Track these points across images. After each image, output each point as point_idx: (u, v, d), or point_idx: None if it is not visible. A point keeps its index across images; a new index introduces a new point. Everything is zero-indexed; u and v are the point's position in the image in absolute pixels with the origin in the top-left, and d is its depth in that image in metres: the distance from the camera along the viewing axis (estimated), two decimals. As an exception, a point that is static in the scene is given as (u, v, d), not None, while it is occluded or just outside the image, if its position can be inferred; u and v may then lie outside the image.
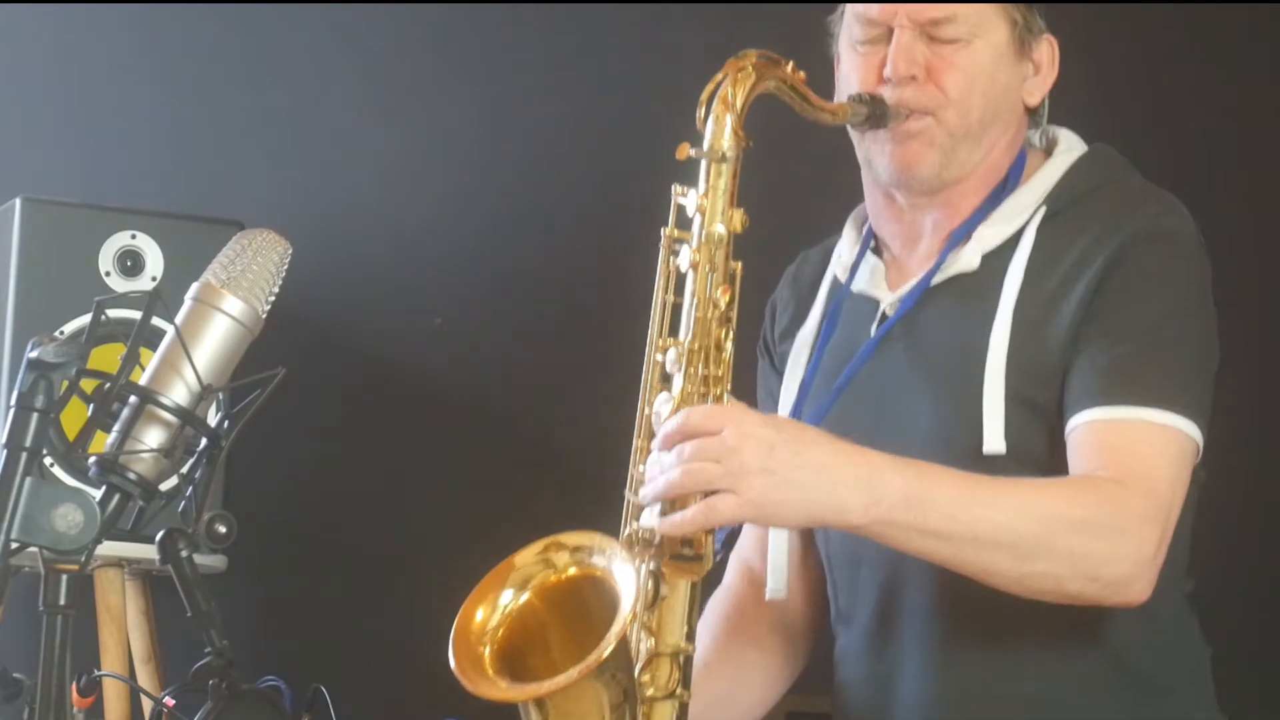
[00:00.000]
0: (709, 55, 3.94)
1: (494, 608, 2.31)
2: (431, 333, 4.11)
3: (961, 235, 2.58)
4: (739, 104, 2.40)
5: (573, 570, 2.31)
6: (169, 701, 2.33)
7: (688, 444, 2.27)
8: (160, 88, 4.18)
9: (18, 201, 3.56)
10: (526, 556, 2.33)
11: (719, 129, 2.39)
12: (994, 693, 2.50)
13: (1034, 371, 2.47)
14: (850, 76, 2.59)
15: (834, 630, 2.69)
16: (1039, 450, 2.47)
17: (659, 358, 2.39)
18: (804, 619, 2.73)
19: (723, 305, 2.37)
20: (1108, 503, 2.37)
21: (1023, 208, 2.57)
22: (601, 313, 3.96)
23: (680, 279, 2.40)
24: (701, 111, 2.41)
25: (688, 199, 2.40)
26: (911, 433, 2.52)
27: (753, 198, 2.44)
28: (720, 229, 2.38)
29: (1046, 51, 2.61)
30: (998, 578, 2.36)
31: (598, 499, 3.83)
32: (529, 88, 4.12)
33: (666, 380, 2.38)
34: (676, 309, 2.40)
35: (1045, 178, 2.59)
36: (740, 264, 2.40)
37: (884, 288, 2.63)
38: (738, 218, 2.39)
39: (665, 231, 2.42)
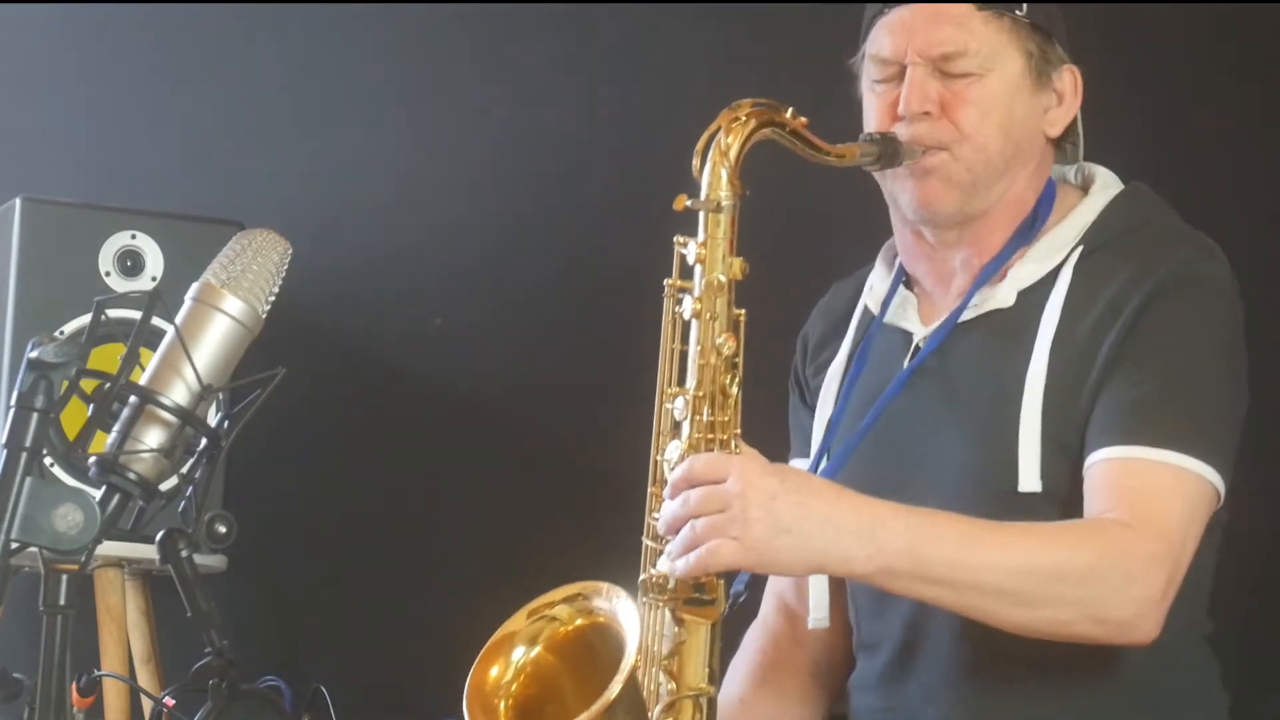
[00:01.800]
0: (710, 56, 3.96)
1: (507, 664, 2.34)
2: (431, 333, 4.11)
3: (992, 270, 2.58)
4: (733, 154, 2.41)
5: (579, 620, 2.34)
6: (169, 701, 2.33)
7: (693, 492, 2.29)
8: (160, 87, 4.18)
9: (18, 201, 3.56)
10: (517, 622, 2.36)
11: (715, 179, 2.41)
12: None
13: (1068, 415, 2.48)
14: (868, 116, 2.59)
15: (855, 657, 2.69)
16: (1070, 491, 2.47)
17: (668, 406, 2.41)
18: (838, 647, 2.74)
19: (727, 352, 2.39)
20: (1113, 547, 2.37)
21: (1060, 246, 2.56)
22: (602, 312, 3.96)
23: (686, 327, 2.43)
24: (697, 161, 2.43)
25: (688, 249, 2.42)
26: (944, 468, 2.52)
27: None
28: (721, 277, 2.40)
29: (1069, 81, 2.60)
30: (1003, 623, 2.37)
31: (598, 497, 3.83)
32: (529, 88, 4.12)
33: (677, 428, 2.41)
34: (683, 357, 2.42)
35: (1082, 216, 2.58)
36: (744, 311, 2.41)
37: (916, 321, 2.63)
38: (737, 265, 2.41)
39: (668, 281, 2.44)
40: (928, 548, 2.32)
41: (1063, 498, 2.47)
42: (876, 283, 2.70)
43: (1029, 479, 2.47)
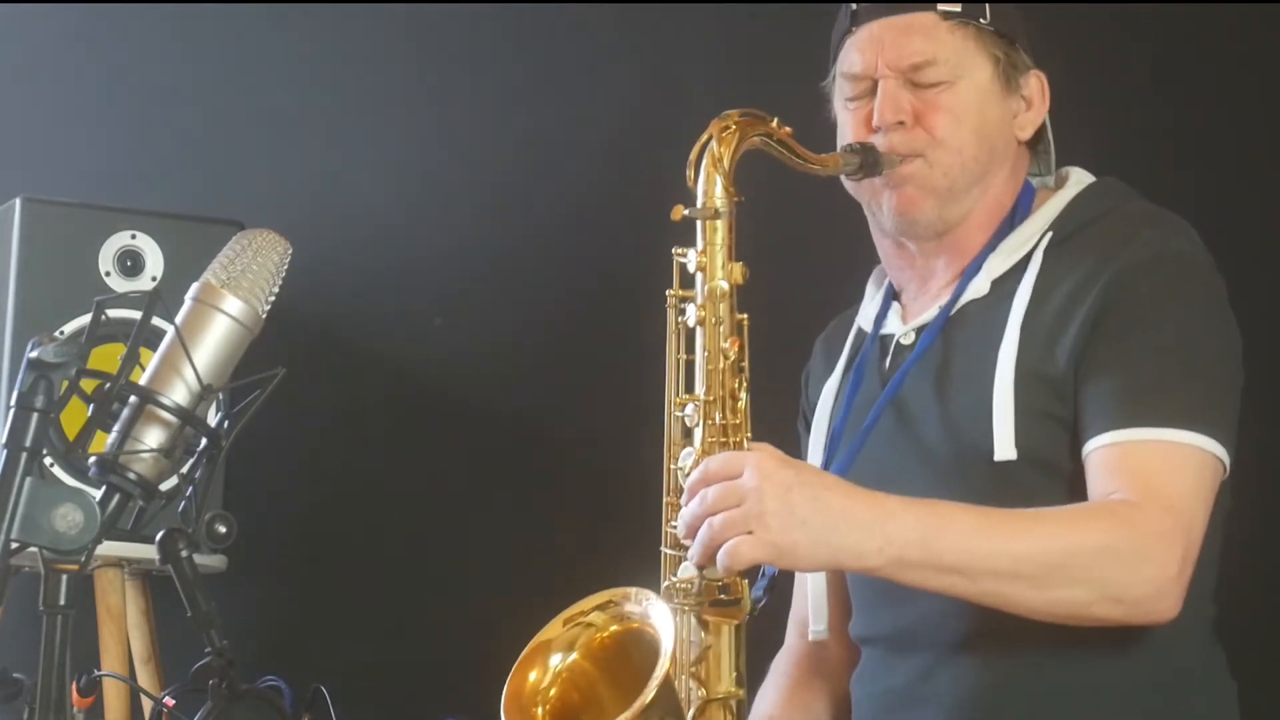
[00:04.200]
0: (709, 55, 3.96)
1: (544, 670, 2.36)
2: (431, 333, 4.11)
3: (973, 271, 2.61)
4: (727, 162, 2.45)
5: (613, 626, 2.36)
6: (169, 701, 2.33)
7: (710, 490, 2.32)
8: (160, 88, 4.18)
9: (18, 201, 3.56)
10: (554, 629, 2.38)
11: (710, 188, 2.45)
12: (1012, 707, 2.51)
13: (1043, 382, 2.49)
14: (843, 132, 2.63)
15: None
16: (1050, 457, 2.49)
17: (678, 414, 2.44)
18: (854, 661, 2.75)
19: (733, 356, 2.43)
20: (1125, 525, 2.38)
21: (1030, 235, 2.60)
22: (603, 311, 3.96)
23: (690, 336, 2.46)
24: (691, 172, 2.46)
25: (688, 257, 2.46)
26: (926, 447, 2.55)
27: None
28: (722, 284, 2.43)
29: (1036, 86, 2.65)
30: (1020, 608, 2.38)
31: (601, 496, 3.83)
32: (528, 87, 4.12)
33: (688, 435, 2.44)
34: (690, 366, 2.46)
35: (1052, 207, 2.62)
36: (747, 315, 2.45)
37: (896, 322, 2.68)
38: (737, 270, 2.45)
39: (670, 292, 2.47)
40: (939, 537, 2.34)
41: (1045, 465, 2.49)
42: (867, 304, 2.75)
43: (1004, 448, 2.48)
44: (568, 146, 4.08)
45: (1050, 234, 2.58)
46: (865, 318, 2.74)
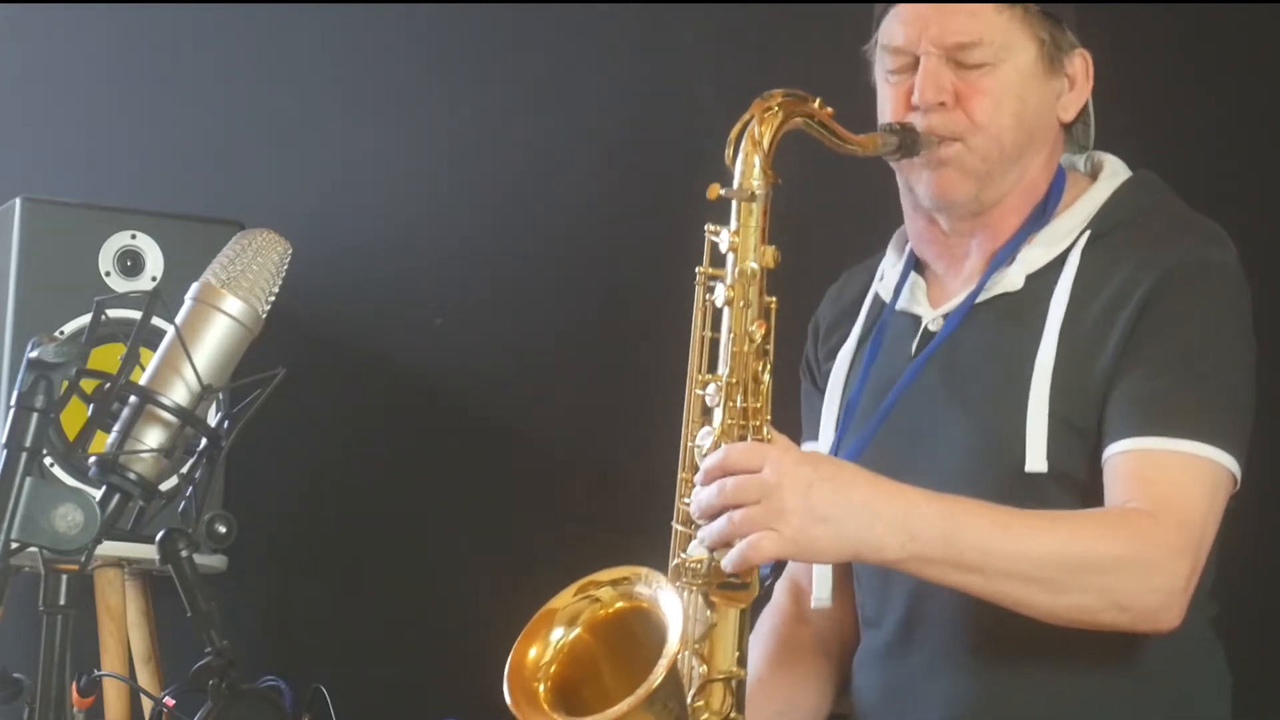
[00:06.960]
0: (711, 55, 3.96)
1: (546, 644, 2.36)
2: (432, 333, 4.11)
3: (1005, 255, 2.60)
4: (767, 143, 2.44)
5: (620, 604, 2.36)
6: (169, 701, 2.33)
7: (728, 481, 2.31)
8: (160, 88, 4.18)
9: (18, 201, 3.56)
10: (564, 599, 2.38)
11: (748, 168, 2.44)
12: (1015, 707, 2.52)
13: (1077, 395, 2.50)
14: (883, 107, 2.61)
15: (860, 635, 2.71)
16: (1078, 471, 2.49)
17: (699, 392, 2.44)
18: (848, 626, 2.75)
19: (759, 339, 2.42)
20: (1139, 537, 2.39)
21: (1068, 231, 2.59)
22: (603, 312, 3.96)
23: (717, 315, 2.45)
24: (730, 151, 2.45)
25: (720, 237, 2.44)
26: (951, 450, 2.54)
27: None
28: (753, 265, 2.43)
29: (1080, 66, 2.62)
30: (1030, 609, 2.39)
31: (601, 497, 3.84)
32: (530, 87, 4.12)
33: (707, 414, 2.43)
34: (714, 344, 2.45)
35: (1090, 202, 2.61)
36: (775, 299, 2.44)
37: (925, 304, 2.66)
38: (770, 254, 2.43)
39: (700, 269, 2.46)
40: (960, 535, 2.34)
41: (1070, 479, 2.49)
42: (888, 270, 2.73)
43: (1035, 460, 2.49)
44: (569, 147, 4.08)
45: (1089, 231, 2.57)
46: (885, 286, 2.72)
